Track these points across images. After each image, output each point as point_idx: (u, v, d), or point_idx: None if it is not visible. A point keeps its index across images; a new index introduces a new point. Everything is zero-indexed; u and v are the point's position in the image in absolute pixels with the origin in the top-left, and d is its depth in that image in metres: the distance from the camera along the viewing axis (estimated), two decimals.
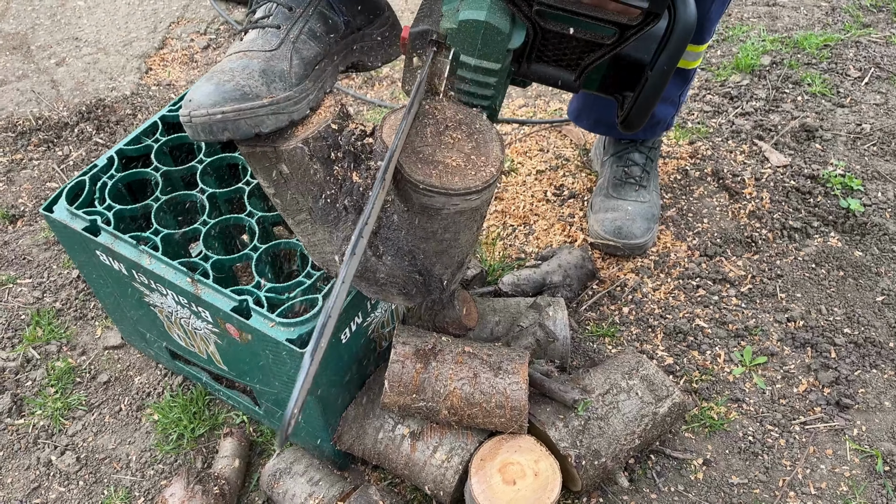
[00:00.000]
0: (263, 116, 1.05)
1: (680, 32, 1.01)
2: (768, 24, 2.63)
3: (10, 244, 1.96)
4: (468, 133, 1.09)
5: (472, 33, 1.04)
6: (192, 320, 1.34)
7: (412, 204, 1.05)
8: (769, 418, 1.55)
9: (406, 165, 1.03)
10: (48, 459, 1.53)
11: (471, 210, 1.07)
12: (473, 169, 1.05)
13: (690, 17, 1.01)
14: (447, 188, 1.02)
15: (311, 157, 1.08)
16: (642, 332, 1.70)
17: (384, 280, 1.15)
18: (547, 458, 1.29)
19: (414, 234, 1.10)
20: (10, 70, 2.48)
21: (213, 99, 1.03)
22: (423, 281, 1.17)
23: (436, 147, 1.06)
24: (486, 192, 1.06)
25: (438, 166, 1.04)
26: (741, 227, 1.92)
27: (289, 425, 0.92)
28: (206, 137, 1.04)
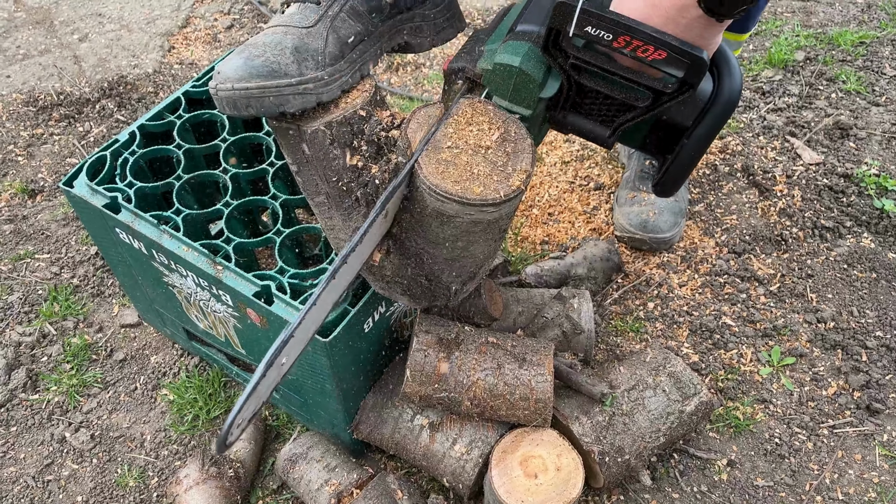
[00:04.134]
0: (289, 95, 1.02)
1: (723, 104, 0.96)
2: (802, 19, 2.57)
3: (28, 219, 1.95)
4: (501, 139, 1.01)
5: (506, 77, 1.01)
6: (212, 303, 1.31)
7: (425, 206, 0.99)
8: (797, 420, 1.51)
9: (424, 165, 0.97)
10: (62, 436, 1.52)
11: (487, 222, 1.00)
12: (497, 179, 0.97)
13: (735, 87, 0.96)
14: (463, 197, 0.95)
15: (332, 142, 1.05)
16: (667, 328, 1.67)
17: (390, 278, 1.11)
18: (570, 452, 1.26)
19: (424, 238, 1.04)
20: (32, 44, 2.47)
21: (240, 73, 1.00)
22: (430, 286, 1.11)
23: (461, 149, 1.00)
24: (506, 206, 0.99)
25: (459, 171, 0.97)
26: (771, 224, 1.87)
27: (227, 434, 0.90)
28: (231, 112, 1.01)
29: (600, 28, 0.89)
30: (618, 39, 0.89)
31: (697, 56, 0.86)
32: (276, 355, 0.93)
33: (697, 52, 0.86)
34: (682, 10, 0.86)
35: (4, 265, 1.83)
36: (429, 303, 1.14)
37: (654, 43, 0.87)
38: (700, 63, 0.87)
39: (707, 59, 0.87)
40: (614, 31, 0.88)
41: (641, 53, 0.89)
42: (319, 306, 0.98)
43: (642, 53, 0.89)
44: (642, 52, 0.88)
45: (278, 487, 1.43)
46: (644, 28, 0.87)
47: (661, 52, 0.88)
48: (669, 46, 0.87)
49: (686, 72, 0.88)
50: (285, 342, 0.94)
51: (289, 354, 0.98)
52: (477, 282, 1.17)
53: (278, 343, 0.92)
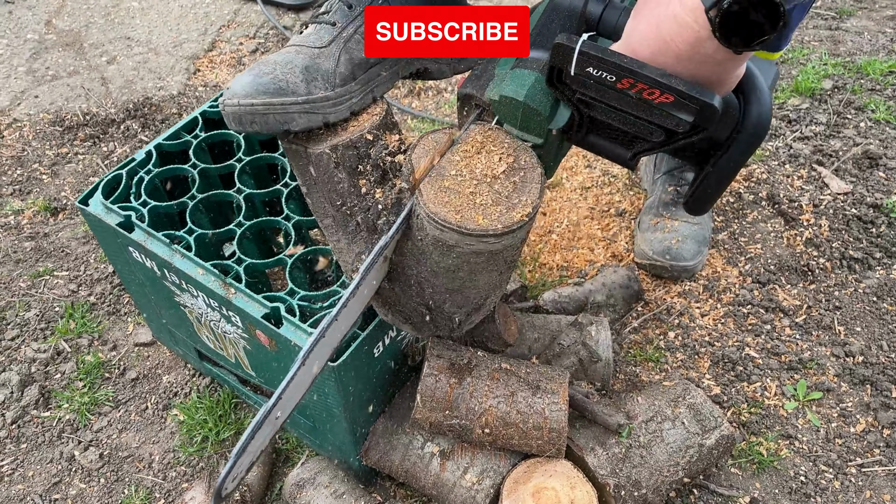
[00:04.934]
0: (294, 114, 1.01)
1: (749, 131, 0.88)
2: (830, 48, 2.53)
3: (49, 236, 1.96)
4: (509, 169, 0.98)
5: (513, 109, 0.99)
6: (222, 324, 1.30)
7: (425, 234, 0.96)
8: (823, 458, 1.45)
9: (426, 192, 0.94)
10: (71, 454, 1.51)
11: (489, 253, 0.97)
12: (500, 210, 0.94)
13: (764, 114, 0.87)
14: (462, 226, 0.92)
15: (336, 165, 1.03)
16: (688, 358, 1.62)
17: (392, 306, 1.09)
18: (584, 485, 1.22)
19: (425, 266, 1.01)
20: (61, 66, 2.51)
21: (247, 90, 1.00)
22: (431, 316, 1.08)
23: (466, 178, 0.97)
24: (508, 238, 0.95)
25: (461, 199, 0.94)
26: (797, 254, 1.82)
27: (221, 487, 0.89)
28: (237, 127, 1.01)
29: (602, 69, 0.84)
30: (622, 81, 0.83)
31: (707, 102, 0.80)
32: (267, 415, 0.92)
33: (708, 97, 0.80)
34: (695, 46, 0.77)
35: (24, 281, 1.84)
36: (431, 333, 1.12)
37: (659, 87, 0.81)
38: (710, 109, 0.80)
39: (719, 106, 0.80)
40: (617, 73, 0.83)
41: (648, 96, 0.83)
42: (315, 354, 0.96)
43: (648, 96, 0.83)
44: (648, 94, 0.82)
45: None
46: (648, 71, 0.80)
47: (668, 95, 0.81)
48: (676, 91, 0.80)
49: (696, 117, 0.82)
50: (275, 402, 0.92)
51: (283, 409, 0.97)
52: (483, 313, 1.13)
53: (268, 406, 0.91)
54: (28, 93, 2.41)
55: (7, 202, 2.05)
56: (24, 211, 2.03)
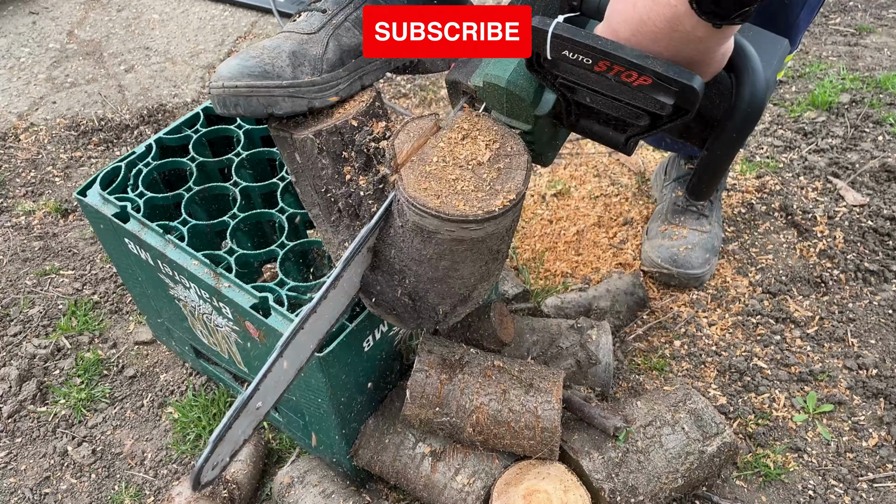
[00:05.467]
0: (279, 97, 1.00)
1: (742, 115, 0.83)
2: (849, 62, 2.49)
3: (58, 236, 1.98)
4: (495, 155, 0.96)
5: (497, 95, 0.97)
6: (214, 317, 1.29)
7: (406, 220, 0.95)
8: (833, 472, 1.39)
9: (406, 177, 0.93)
10: (64, 449, 1.50)
11: (472, 241, 0.94)
12: (481, 196, 0.92)
13: (757, 94, 0.81)
14: (441, 212, 0.90)
15: (320, 151, 1.02)
16: (694, 367, 1.57)
17: (376, 295, 1.07)
18: (577, 488, 1.18)
19: (407, 254, 0.99)
20: (80, 74, 2.56)
21: (232, 72, 1.00)
22: (414, 306, 1.05)
23: (449, 164, 0.95)
24: (490, 225, 0.93)
25: (442, 185, 0.92)
26: (810, 266, 1.77)
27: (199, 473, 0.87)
28: (222, 110, 1.01)
29: (577, 52, 0.80)
30: (598, 63, 0.80)
31: (686, 84, 0.76)
32: (244, 404, 0.90)
33: (686, 78, 0.76)
34: (672, 23, 0.73)
35: (30, 279, 1.85)
36: (416, 325, 1.09)
37: (636, 69, 0.77)
38: (690, 91, 0.77)
39: (700, 88, 0.76)
40: (593, 55, 0.79)
41: (626, 78, 0.79)
42: (295, 346, 0.95)
43: (626, 78, 0.79)
44: (626, 76, 0.79)
45: None
46: (624, 53, 0.77)
47: (646, 77, 0.78)
48: (653, 73, 0.77)
49: (677, 99, 0.78)
50: (252, 392, 0.91)
51: (264, 399, 0.95)
52: (471, 306, 1.10)
53: (244, 395, 0.90)
54: (46, 99, 2.45)
55: (19, 203, 2.07)
56: (36, 212, 2.05)
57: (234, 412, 0.88)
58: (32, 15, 2.86)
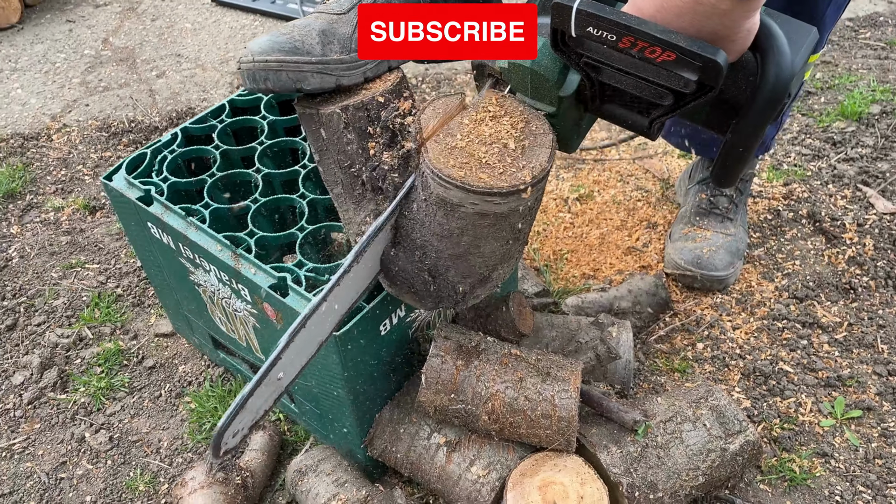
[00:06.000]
0: (308, 73, 1.02)
1: (766, 95, 0.82)
2: (879, 75, 2.46)
3: (85, 232, 2.00)
4: (520, 132, 0.97)
5: (522, 76, 0.99)
6: (233, 301, 1.29)
7: (430, 193, 0.95)
8: (861, 478, 1.35)
9: (431, 150, 0.94)
10: (82, 436, 1.50)
11: (495, 216, 0.95)
12: (507, 170, 0.92)
13: (783, 74, 0.80)
14: (466, 183, 0.90)
15: (346, 125, 1.03)
16: (717, 370, 1.54)
17: (395, 272, 1.06)
18: (594, 481, 1.15)
19: (429, 229, 0.99)
20: (113, 78, 2.61)
21: (263, 47, 1.01)
22: (434, 284, 1.05)
23: (475, 138, 0.96)
24: (514, 200, 0.93)
25: (468, 158, 0.93)
26: (838, 272, 1.73)
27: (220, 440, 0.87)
28: (251, 85, 1.02)
29: (601, 28, 0.81)
30: (622, 40, 0.80)
31: (710, 59, 0.76)
32: (267, 372, 0.91)
33: (710, 53, 0.76)
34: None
35: (56, 272, 1.88)
36: (434, 305, 1.08)
37: (659, 44, 0.78)
38: (714, 66, 0.77)
39: (724, 63, 0.76)
40: (617, 31, 0.80)
41: (649, 54, 0.80)
42: (317, 319, 0.95)
43: (650, 54, 0.80)
44: (650, 52, 0.79)
45: (288, 503, 1.36)
46: (647, 28, 0.77)
47: (670, 53, 0.78)
48: (677, 48, 0.77)
49: (700, 75, 0.78)
50: (275, 360, 0.91)
51: (285, 370, 0.95)
52: (489, 288, 1.10)
53: (268, 362, 0.90)
54: (79, 102, 2.50)
55: (49, 200, 2.11)
56: (64, 208, 2.08)
57: (257, 379, 0.89)
58: (69, 23, 2.94)
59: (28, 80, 2.63)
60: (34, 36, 2.88)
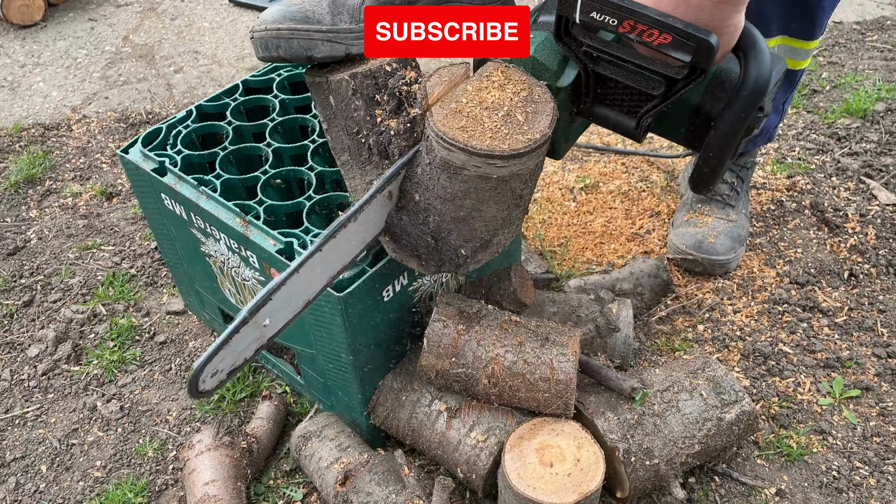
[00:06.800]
0: (318, 41, 1.06)
1: (749, 90, 0.90)
2: (885, 75, 2.48)
3: (102, 216, 2.06)
4: (522, 100, 1.00)
5: (523, 64, 1.03)
6: (242, 269, 1.33)
7: (434, 156, 0.99)
8: (859, 455, 1.36)
9: (436, 113, 0.98)
10: (94, 405, 1.54)
11: (497, 179, 0.98)
12: (509, 134, 0.96)
13: (763, 72, 0.90)
14: (469, 145, 0.94)
15: (354, 92, 1.07)
16: (717, 350, 1.56)
17: (399, 235, 1.10)
18: (591, 445, 1.17)
19: (433, 192, 1.03)
20: (133, 73, 2.68)
21: (275, 17, 1.05)
22: (437, 247, 1.09)
23: (479, 103, 0.99)
24: (516, 164, 0.97)
25: (471, 122, 0.97)
26: (840, 260, 1.75)
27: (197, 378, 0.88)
28: (263, 53, 1.06)
29: (605, 13, 0.88)
30: (623, 24, 0.88)
31: (703, 39, 0.84)
32: (254, 312, 0.91)
33: (704, 34, 0.84)
34: None
35: (72, 253, 1.93)
36: (437, 268, 1.12)
37: (658, 26, 0.86)
38: (707, 47, 0.84)
39: (715, 44, 0.84)
40: (619, 15, 0.87)
41: (647, 38, 0.87)
42: (311, 268, 0.97)
43: (648, 38, 0.87)
44: (648, 36, 0.87)
45: (291, 470, 1.39)
46: (648, 11, 0.85)
47: (667, 35, 0.86)
48: (674, 30, 0.85)
49: (693, 56, 0.86)
50: (264, 300, 0.92)
51: (272, 316, 0.96)
52: (491, 254, 1.13)
53: (257, 300, 0.91)
54: (99, 95, 2.57)
55: (67, 186, 2.17)
56: (82, 194, 2.14)
57: (244, 315, 0.90)
58: (91, 21, 3.02)
59: (50, 74, 2.71)
60: (57, 33, 2.96)
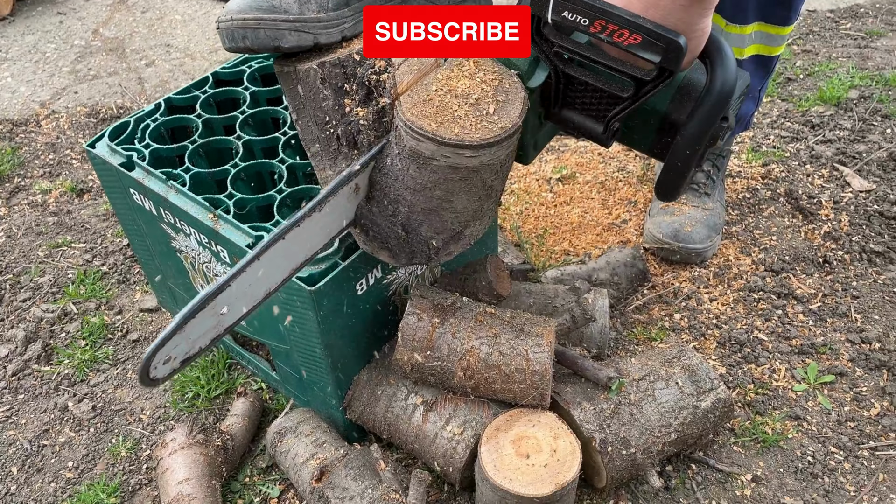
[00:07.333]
0: (285, 31, 1.04)
1: (714, 96, 0.91)
2: (858, 62, 2.50)
3: (72, 213, 2.02)
4: (493, 89, 0.99)
5: None
6: (213, 264, 1.31)
7: (403, 147, 0.98)
8: (833, 440, 1.37)
9: (405, 103, 0.96)
10: (65, 405, 1.52)
11: (467, 170, 0.97)
12: (479, 124, 0.95)
13: (728, 79, 0.90)
14: (438, 135, 0.93)
15: (322, 82, 1.05)
16: (693, 339, 1.56)
17: (369, 227, 1.09)
18: (567, 435, 1.17)
19: (402, 183, 1.01)
20: (103, 67, 2.64)
21: (241, 6, 1.03)
22: (407, 239, 1.07)
23: (449, 92, 0.98)
24: (485, 154, 0.96)
25: (440, 111, 0.96)
26: (814, 247, 1.76)
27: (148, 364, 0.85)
28: (230, 44, 1.04)
29: (576, 12, 0.89)
30: (594, 24, 0.88)
31: (673, 40, 0.85)
32: (209, 299, 0.88)
33: (673, 35, 0.85)
34: None
35: (42, 251, 1.89)
36: (408, 260, 1.10)
37: (628, 27, 0.86)
38: (676, 48, 0.85)
39: (684, 45, 0.85)
40: (590, 14, 0.88)
41: (618, 38, 0.88)
42: (272, 257, 0.95)
43: (618, 38, 0.88)
44: (618, 36, 0.87)
45: (268, 467, 1.37)
46: (619, 11, 0.86)
47: (637, 35, 0.86)
48: (644, 30, 0.86)
49: (662, 57, 0.86)
50: (222, 287, 0.89)
51: (230, 304, 0.94)
52: (463, 246, 1.12)
53: (214, 286, 0.89)
54: (69, 89, 2.52)
55: (36, 183, 2.13)
56: (52, 191, 2.10)
57: (198, 301, 0.87)
58: (60, 15, 2.97)
59: (18, 69, 2.65)
60: (25, 27, 2.90)
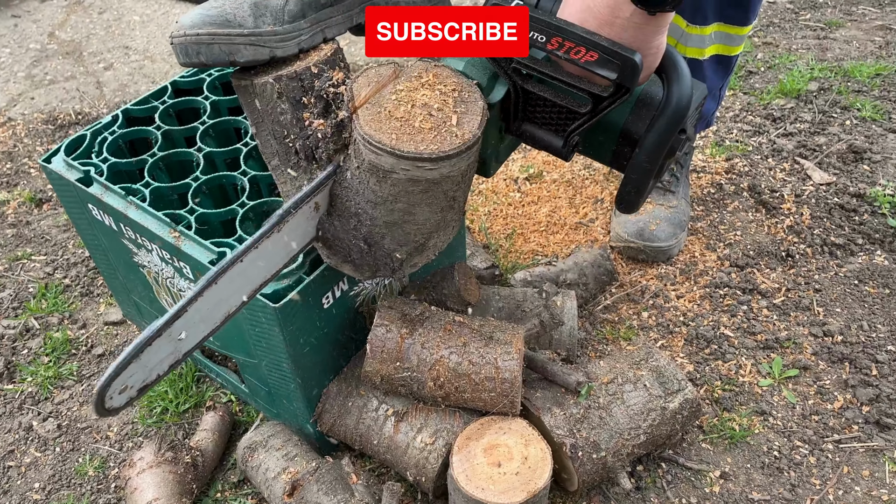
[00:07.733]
0: (240, 45, 1.02)
1: (671, 111, 0.92)
2: (817, 54, 2.53)
3: (31, 224, 1.98)
4: (452, 101, 0.99)
5: None
6: (177, 280, 1.29)
7: (362, 160, 0.97)
8: (798, 434, 1.40)
9: (363, 116, 0.96)
10: (29, 424, 1.49)
11: (427, 182, 0.97)
12: (437, 136, 0.94)
13: (684, 93, 0.92)
14: (396, 148, 0.92)
15: (279, 95, 1.04)
16: (661, 337, 1.58)
17: (331, 241, 1.08)
18: (538, 442, 1.17)
19: (363, 197, 1.01)
20: (59, 72, 2.58)
21: (194, 20, 1.01)
22: (370, 252, 1.07)
23: (407, 104, 0.97)
24: (445, 166, 0.95)
25: (398, 124, 0.95)
26: (777, 241, 1.79)
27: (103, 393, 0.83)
28: (184, 59, 1.02)
29: (534, 30, 0.91)
30: (551, 41, 0.90)
31: (628, 57, 0.86)
32: (165, 327, 0.87)
33: (628, 53, 0.86)
34: (613, 10, 0.85)
35: (1, 265, 1.85)
36: (372, 273, 1.10)
37: (585, 44, 0.88)
38: (631, 65, 0.86)
39: (639, 62, 0.86)
40: (547, 32, 0.90)
41: (574, 55, 0.89)
42: (230, 280, 0.94)
43: (575, 55, 0.89)
44: (575, 53, 0.89)
45: (239, 482, 1.36)
46: (575, 29, 0.88)
47: (593, 53, 0.88)
48: (600, 48, 0.87)
49: (619, 74, 0.87)
50: (179, 313, 0.88)
51: (188, 330, 0.92)
52: (427, 257, 1.12)
53: (170, 313, 0.87)
54: (25, 95, 2.46)
55: None
56: (10, 202, 2.05)
57: (153, 330, 0.85)
58: (14, 18, 2.89)
59: None
60: None
